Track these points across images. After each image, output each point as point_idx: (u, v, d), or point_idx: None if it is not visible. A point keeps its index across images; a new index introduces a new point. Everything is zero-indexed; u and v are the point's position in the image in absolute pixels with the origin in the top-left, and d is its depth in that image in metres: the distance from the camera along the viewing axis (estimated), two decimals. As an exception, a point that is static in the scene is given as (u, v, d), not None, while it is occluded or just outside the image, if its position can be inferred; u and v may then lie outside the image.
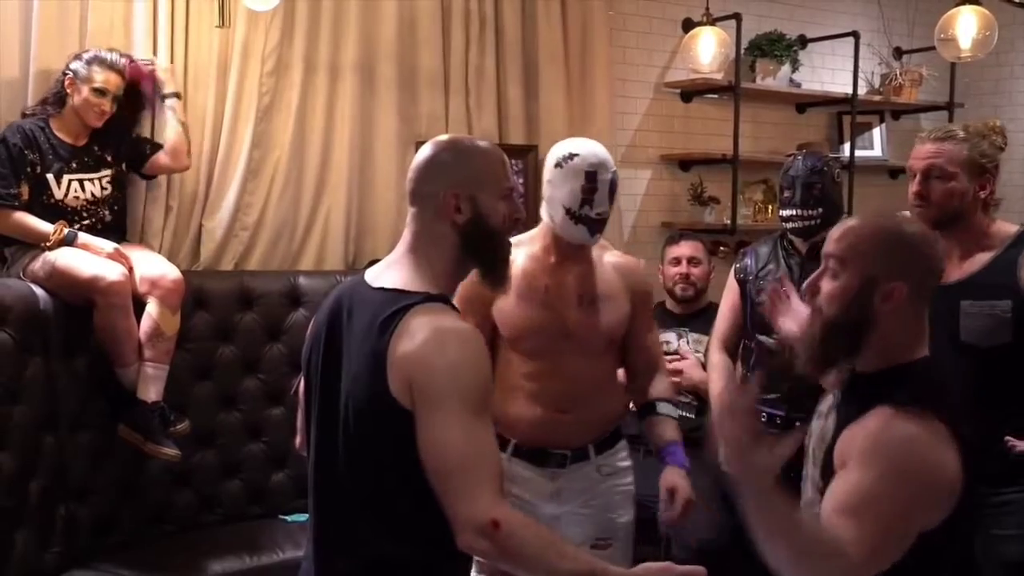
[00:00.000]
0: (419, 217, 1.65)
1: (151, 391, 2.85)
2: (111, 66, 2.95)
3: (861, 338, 1.57)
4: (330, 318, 1.67)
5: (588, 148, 2.22)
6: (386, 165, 3.70)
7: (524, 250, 2.27)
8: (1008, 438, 2.03)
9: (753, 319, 2.76)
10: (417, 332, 1.50)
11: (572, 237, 2.21)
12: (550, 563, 1.46)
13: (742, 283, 2.82)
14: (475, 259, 1.66)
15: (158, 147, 3.14)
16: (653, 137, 4.51)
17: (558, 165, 2.20)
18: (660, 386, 2.39)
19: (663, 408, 2.35)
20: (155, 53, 3.22)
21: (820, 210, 2.61)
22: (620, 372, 2.41)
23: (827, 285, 1.61)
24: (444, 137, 1.75)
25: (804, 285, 1.70)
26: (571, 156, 2.19)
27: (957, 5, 3.94)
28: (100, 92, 2.92)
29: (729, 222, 4.40)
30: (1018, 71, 5.20)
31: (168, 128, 3.15)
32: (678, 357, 3.13)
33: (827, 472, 1.57)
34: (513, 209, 1.68)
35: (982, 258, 2.24)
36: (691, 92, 4.55)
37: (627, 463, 2.35)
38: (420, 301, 1.55)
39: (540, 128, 3.96)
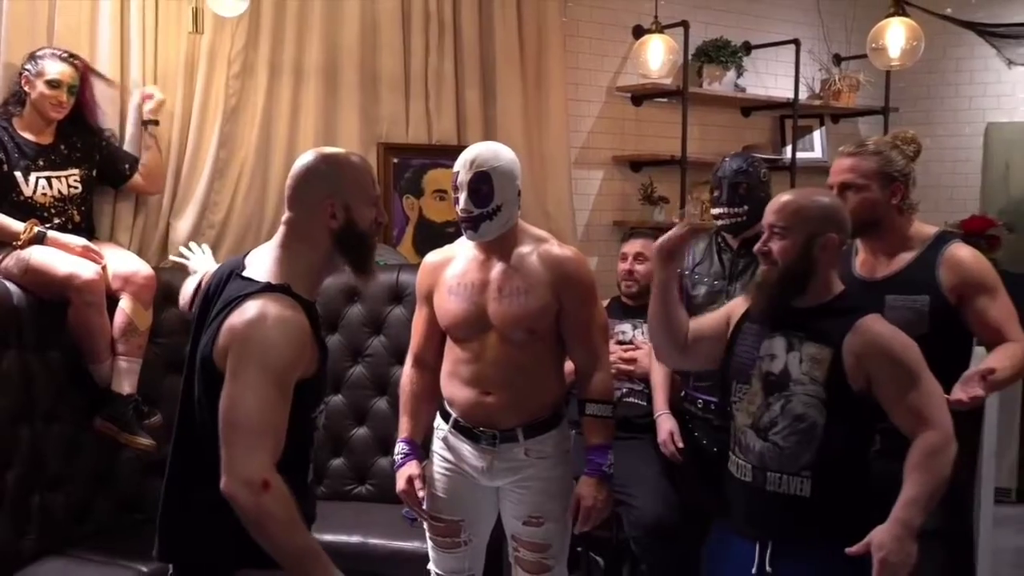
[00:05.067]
0: (295, 219, 1.88)
1: (125, 384, 2.94)
2: (64, 59, 3.02)
3: (807, 281, 2.08)
4: (207, 293, 1.93)
5: (466, 152, 2.37)
6: (349, 165, 3.81)
7: (466, 250, 2.45)
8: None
9: (688, 311, 2.93)
10: (245, 312, 1.74)
11: (465, 235, 2.39)
12: (293, 532, 1.72)
13: (680, 277, 2.99)
14: (346, 257, 1.90)
15: (135, 168, 3.23)
16: (605, 139, 4.68)
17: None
18: (596, 384, 2.41)
19: (590, 409, 2.40)
20: (123, 55, 3.31)
21: (746, 207, 2.79)
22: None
23: (776, 245, 2.09)
24: (322, 149, 1.97)
25: (755, 249, 2.16)
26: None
27: (888, 16, 4.17)
28: (54, 84, 2.99)
29: (678, 221, 4.57)
30: (949, 77, 5.46)
31: (146, 153, 3.24)
32: (633, 347, 3.28)
33: (837, 385, 2.00)
34: (379, 213, 1.93)
35: (905, 257, 2.43)
36: (641, 96, 4.73)
37: (560, 449, 2.43)
38: (260, 289, 1.78)
39: (497, 130, 4.10)
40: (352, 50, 3.82)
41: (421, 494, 2.43)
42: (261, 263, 1.87)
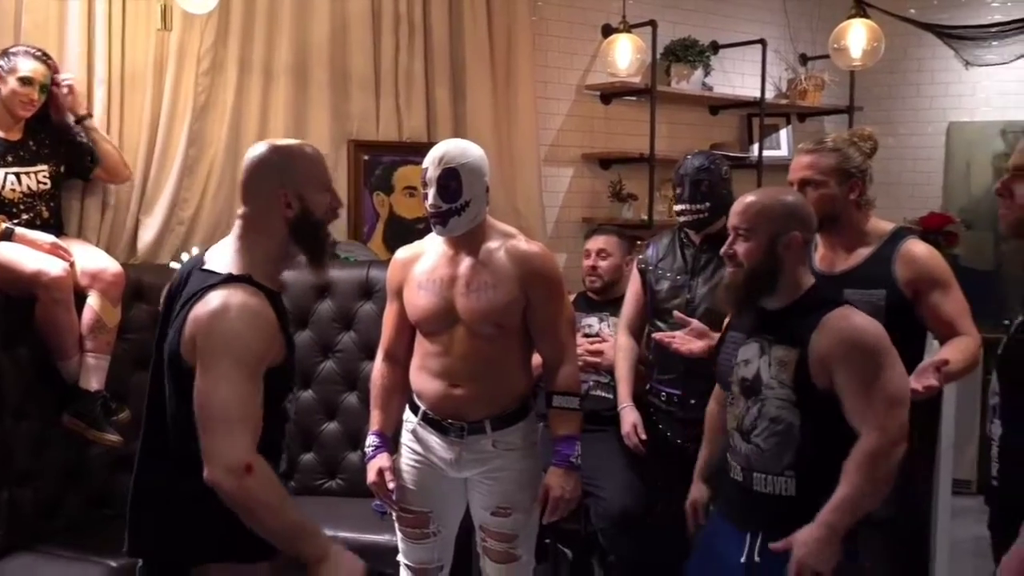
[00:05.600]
0: (250, 211, 1.92)
1: (93, 381, 2.95)
2: (36, 57, 3.02)
3: (775, 280, 2.08)
4: (171, 286, 1.97)
5: (435, 149, 2.42)
6: (319, 163, 3.83)
7: (435, 245, 2.49)
8: None
9: (652, 305, 3.00)
10: (208, 303, 1.77)
11: (435, 230, 2.43)
12: (285, 512, 1.78)
13: (643, 272, 3.06)
14: (301, 247, 1.92)
15: (97, 160, 3.23)
16: (575, 137, 4.73)
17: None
18: (563, 377, 2.45)
19: (557, 401, 2.44)
20: (91, 52, 3.31)
21: (708, 204, 2.85)
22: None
23: (741, 247, 2.11)
24: (272, 141, 2.00)
25: (721, 252, 2.16)
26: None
27: (849, 18, 4.25)
28: (26, 81, 2.99)
29: (646, 217, 4.65)
30: (910, 77, 5.56)
31: (98, 147, 3.22)
32: (599, 340, 3.33)
33: (803, 386, 2.00)
34: (333, 199, 1.96)
35: (862, 252, 2.49)
36: (610, 94, 4.78)
37: (527, 441, 2.48)
38: (222, 281, 1.80)
39: (467, 127, 4.13)
40: (322, 48, 3.84)
41: (391, 486, 2.46)
42: (221, 256, 1.90)
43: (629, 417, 2.97)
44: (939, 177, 5.52)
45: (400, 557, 2.59)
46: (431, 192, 2.38)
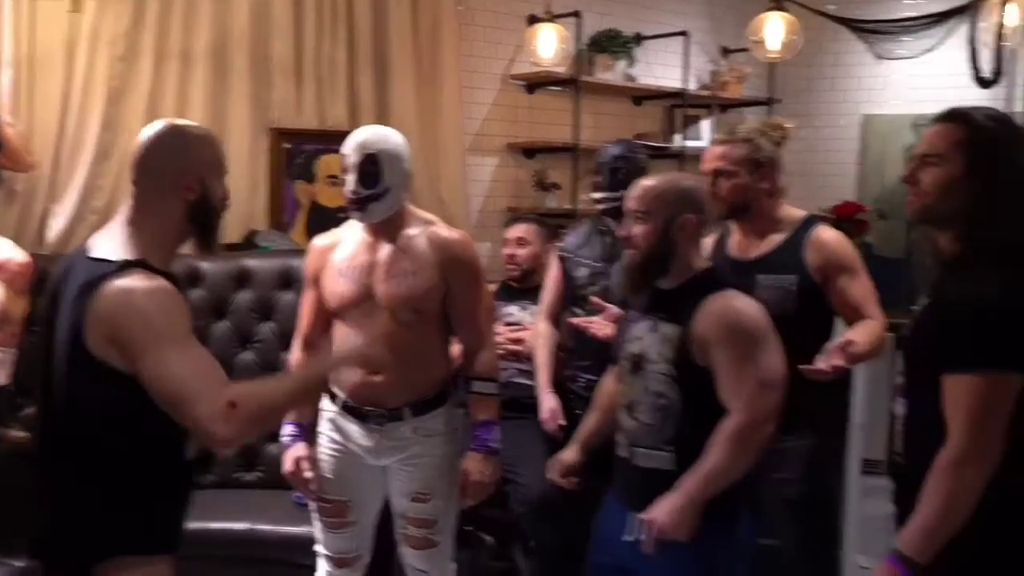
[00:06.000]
0: (144, 192, 1.85)
1: None
2: None
3: (669, 262, 2.14)
4: (56, 280, 1.89)
5: (355, 135, 2.43)
6: (239, 149, 3.78)
7: (354, 233, 2.48)
8: (802, 366, 2.22)
9: (571, 292, 3.02)
10: (109, 299, 1.72)
11: (353, 217, 2.43)
12: (280, 399, 1.88)
13: (563, 260, 3.09)
14: (196, 230, 1.90)
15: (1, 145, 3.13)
16: (499, 126, 4.74)
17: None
18: (481, 363, 2.47)
19: (476, 386, 2.47)
20: (-2, 35, 3.21)
21: (625, 192, 2.87)
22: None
23: (637, 229, 2.15)
24: (171, 121, 1.95)
25: (618, 235, 2.24)
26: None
27: (767, 11, 4.34)
28: None
29: (570, 207, 4.69)
30: (826, 71, 5.70)
31: (1, 132, 3.11)
32: (520, 328, 3.35)
33: (683, 362, 2.06)
34: (225, 189, 1.94)
35: (775, 239, 2.55)
36: (535, 84, 4.80)
37: (446, 427, 2.48)
38: (117, 268, 1.75)
39: (391, 116, 4.10)
40: (242, 34, 3.78)
41: (308, 475, 2.44)
42: (109, 242, 1.83)
43: (548, 403, 2.99)
44: (854, 168, 5.68)
45: (318, 547, 2.57)
46: (350, 178, 2.38)
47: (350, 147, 2.40)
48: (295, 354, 2.57)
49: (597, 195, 2.94)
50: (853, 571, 3.37)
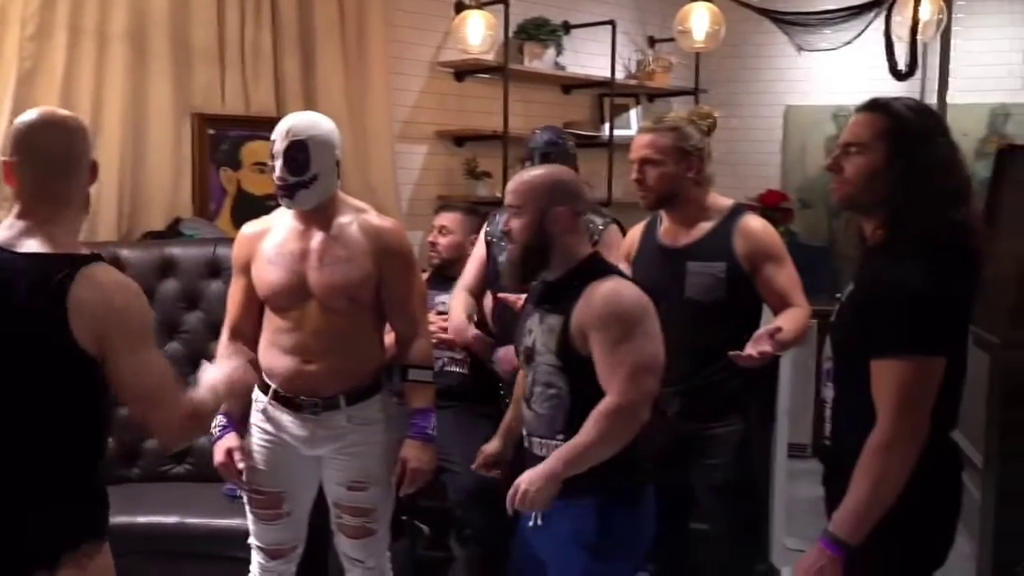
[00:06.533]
0: (64, 180, 1.83)
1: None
2: None
3: (548, 254, 2.15)
4: None
5: (284, 121, 2.40)
6: (161, 135, 3.68)
7: (284, 220, 2.45)
8: (731, 352, 2.29)
9: (492, 276, 3.03)
10: (92, 291, 1.73)
11: (282, 204, 2.40)
12: (209, 409, 1.96)
13: (488, 244, 3.12)
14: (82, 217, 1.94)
15: None
16: (428, 114, 4.70)
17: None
18: (415, 351, 2.47)
19: (412, 374, 2.47)
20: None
21: None
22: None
23: (514, 224, 2.16)
24: (46, 109, 1.94)
25: (499, 230, 2.27)
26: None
27: (691, 1, 4.39)
28: None
29: (501, 195, 4.67)
30: (750, 62, 5.80)
31: None
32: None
33: (566, 352, 2.09)
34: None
35: (704, 227, 2.59)
36: (463, 71, 4.77)
37: (382, 415, 2.47)
38: (82, 264, 1.75)
39: (318, 103, 4.04)
40: (161, 17, 3.67)
41: (240, 466, 2.40)
42: (31, 239, 1.77)
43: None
44: (778, 158, 5.81)
45: (252, 540, 2.53)
46: (278, 164, 2.35)
47: (278, 133, 2.37)
48: (223, 343, 2.51)
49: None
50: (781, 552, 3.46)
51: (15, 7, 3.29)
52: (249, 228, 2.51)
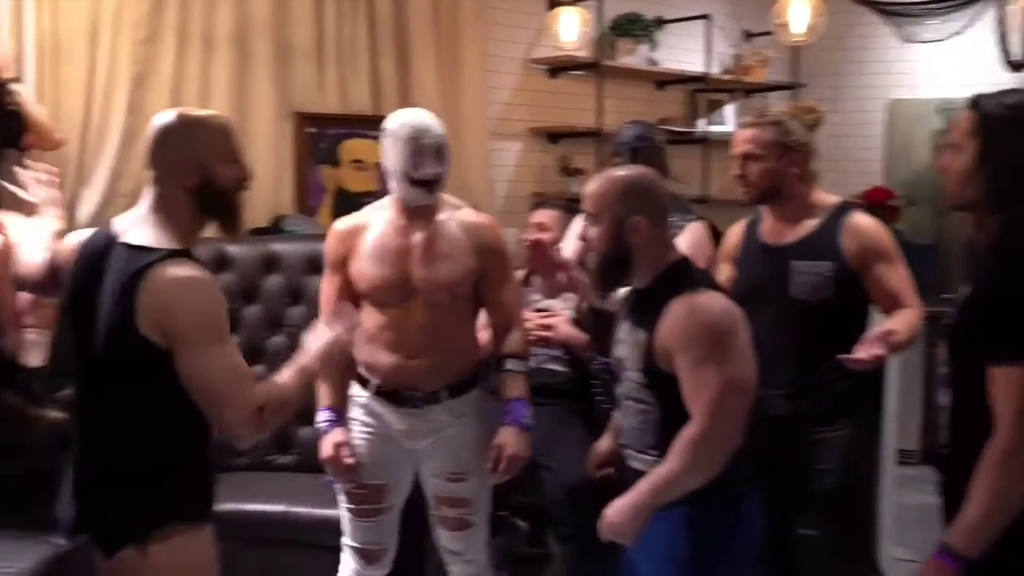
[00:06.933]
0: (156, 181, 1.91)
1: (33, 357, 2.86)
2: None
3: (629, 264, 2.06)
4: (90, 260, 1.91)
5: (411, 116, 2.44)
6: (263, 134, 3.77)
7: (381, 215, 2.47)
8: (841, 356, 2.20)
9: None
10: (162, 284, 1.78)
11: (412, 199, 2.42)
12: (291, 395, 1.93)
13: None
14: (210, 215, 1.94)
15: (27, 125, 3.12)
16: (522, 111, 4.71)
17: (388, 136, 2.42)
18: (512, 342, 2.50)
19: (509, 364, 2.48)
20: (20, 18, 3.20)
21: None
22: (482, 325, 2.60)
23: (591, 232, 2.08)
24: (182, 110, 1.98)
25: (578, 238, 2.16)
26: (398, 126, 2.42)
27: (792, -8, 4.29)
28: None
29: (594, 192, 4.65)
30: (854, 54, 5.63)
31: (25, 110, 3.08)
32: (550, 313, 3.32)
33: (651, 370, 2.00)
34: (240, 170, 1.95)
35: (809, 225, 2.51)
36: (557, 68, 4.76)
37: (479, 408, 2.51)
38: (164, 257, 1.81)
39: (413, 100, 4.07)
40: (264, 18, 3.77)
41: (349, 461, 2.44)
42: (142, 230, 1.87)
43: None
44: (880, 153, 5.63)
45: (345, 539, 2.56)
46: (430, 159, 2.38)
47: (420, 129, 2.39)
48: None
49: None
50: (888, 562, 3.35)
51: (128, 13, 3.42)
52: (343, 224, 2.54)
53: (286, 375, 1.96)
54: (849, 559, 2.60)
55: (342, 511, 2.55)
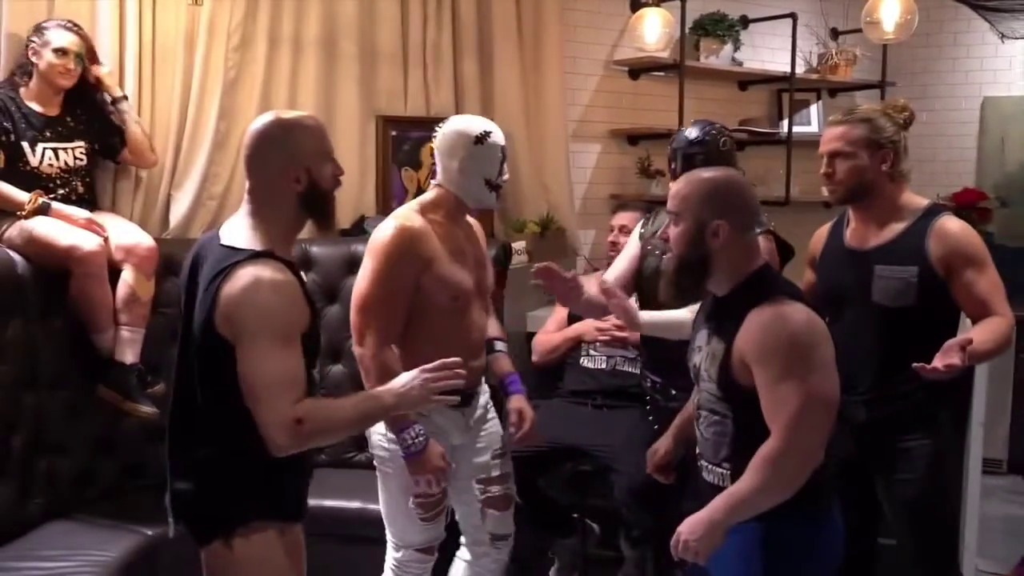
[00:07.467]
0: (257, 186, 1.95)
1: (128, 353, 2.99)
2: (68, 28, 3.06)
3: (707, 268, 1.98)
4: (192, 265, 1.99)
5: (492, 125, 2.52)
6: (348, 136, 3.85)
7: (428, 216, 2.46)
8: (916, 364, 2.13)
9: (637, 275, 2.84)
10: (239, 280, 1.82)
11: (486, 204, 2.54)
12: (345, 422, 1.95)
13: (642, 240, 2.88)
14: (312, 216, 1.99)
15: (126, 141, 3.26)
16: (602, 113, 4.69)
17: (478, 141, 2.45)
18: (493, 327, 2.71)
19: (499, 346, 2.70)
20: (123, 28, 3.34)
21: None
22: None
23: (672, 232, 2.03)
24: (276, 113, 2.01)
25: (658, 235, 2.14)
26: (487, 133, 2.47)
27: (883, -10, 4.18)
28: (62, 52, 3.03)
29: (674, 194, 4.61)
30: (946, 52, 5.46)
31: (127, 129, 3.25)
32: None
33: (728, 382, 1.95)
34: (335, 168, 2.00)
35: (895, 228, 2.44)
36: (638, 69, 4.74)
37: (489, 394, 2.74)
38: (247, 257, 1.86)
39: (495, 103, 4.12)
40: (350, 22, 3.84)
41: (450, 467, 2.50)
42: (237, 232, 1.93)
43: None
44: (973, 153, 5.44)
45: (404, 539, 2.59)
46: (506, 167, 2.51)
47: (500, 136, 2.50)
48: (389, 356, 2.41)
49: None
50: (972, 574, 3.26)
51: (222, 20, 3.53)
52: (413, 222, 2.43)
53: (351, 400, 1.97)
54: (932, 570, 2.52)
55: (405, 519, 2.55)
